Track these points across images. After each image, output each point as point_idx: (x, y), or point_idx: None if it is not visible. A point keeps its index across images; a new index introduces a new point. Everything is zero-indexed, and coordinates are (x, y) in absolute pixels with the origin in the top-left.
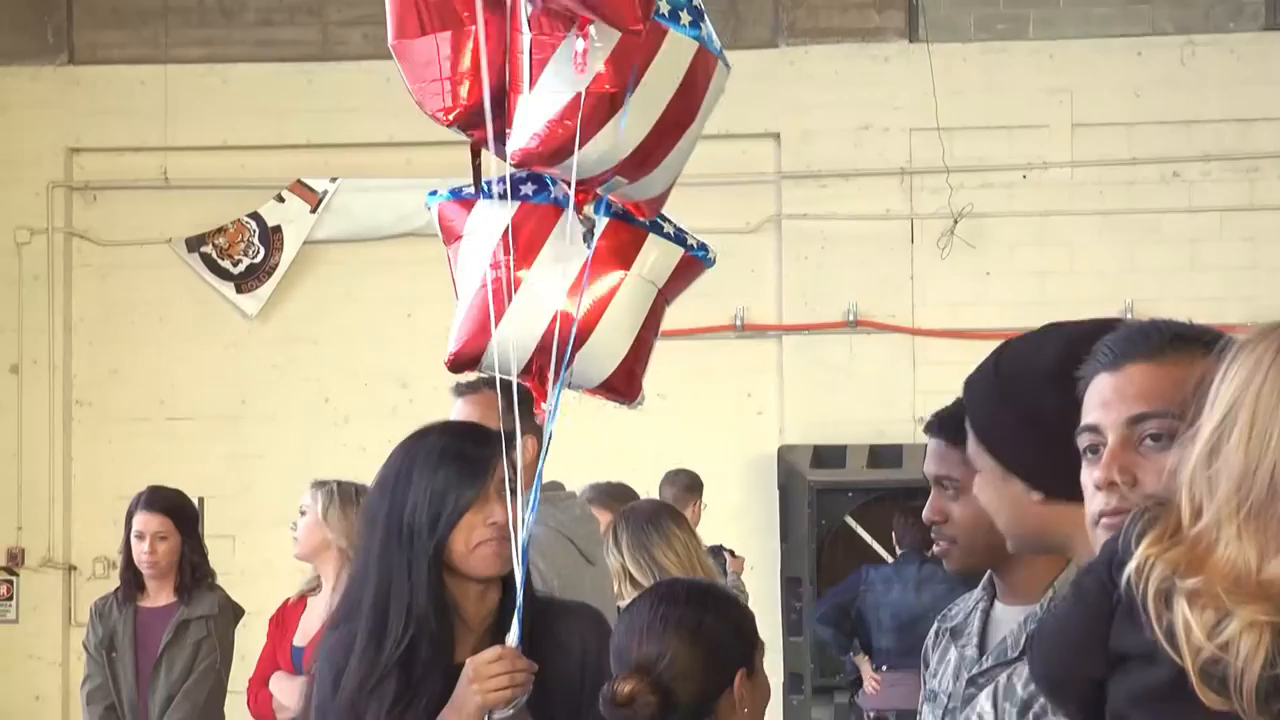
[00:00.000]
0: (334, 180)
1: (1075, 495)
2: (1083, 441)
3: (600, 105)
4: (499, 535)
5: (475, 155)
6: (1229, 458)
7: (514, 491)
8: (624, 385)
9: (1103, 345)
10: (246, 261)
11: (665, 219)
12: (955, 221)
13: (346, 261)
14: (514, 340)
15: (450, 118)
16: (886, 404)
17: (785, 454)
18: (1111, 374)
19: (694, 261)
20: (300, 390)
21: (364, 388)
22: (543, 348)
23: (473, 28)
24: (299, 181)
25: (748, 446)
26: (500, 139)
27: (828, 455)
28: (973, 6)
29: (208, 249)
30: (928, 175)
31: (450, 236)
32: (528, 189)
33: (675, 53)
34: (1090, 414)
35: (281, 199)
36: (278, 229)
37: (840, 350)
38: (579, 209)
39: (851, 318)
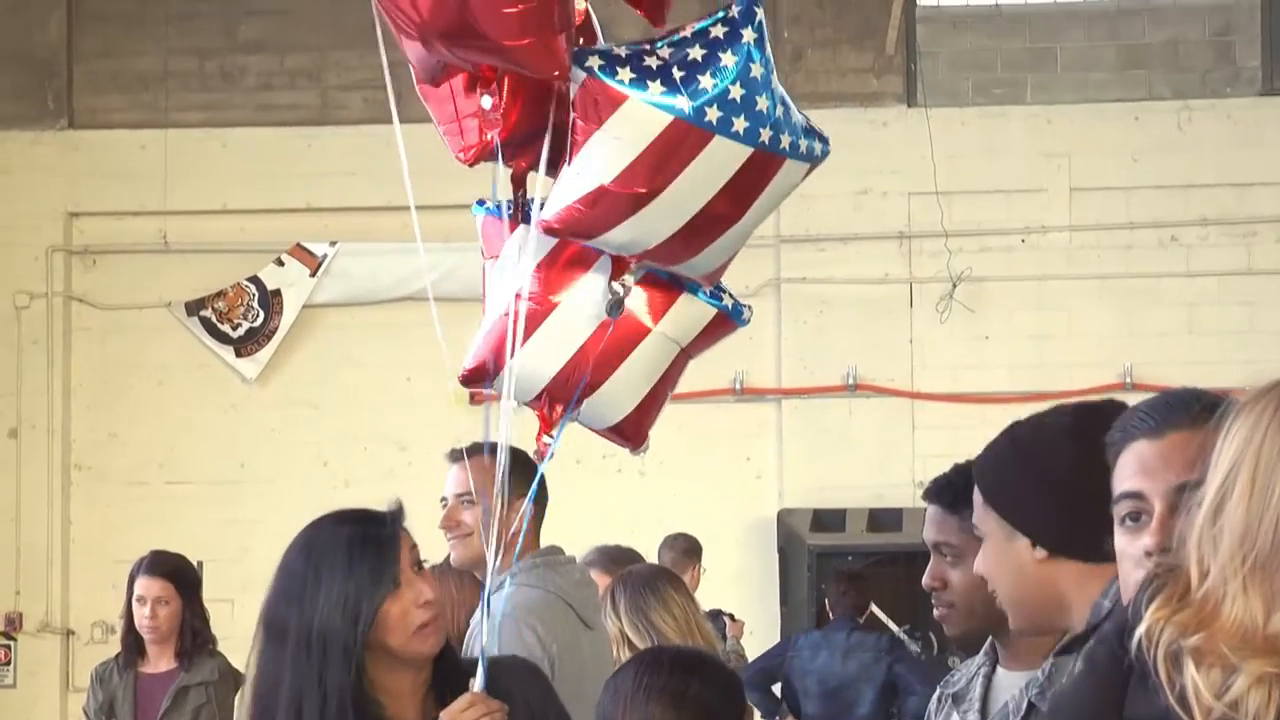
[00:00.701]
0: (333, 244)
1: (1077, 553)
2: (1122, 509)
3: (623, 202)
4: (436, 611)
5: (516, 186)
6: (1232, 515)
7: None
8: (631, 432)
9: (1138, 412)
10: (246, 325)
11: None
12: (954, 285)
13: (346, 325)
14: (530, 371)
15: (466, 156)
16: (886, 468)
17: (785, 517)
18: (1153, 441)
19: (726, 320)
20: (299, 454)
21: (363, 451)
22: (554, 383)
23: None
24: (298, 245)
25: (747, 510)
26: (552, 164)
27: (827, 519)
28: (970, 71)
29: (207, 313)
30: (926, 239)
31: (489, 251)
32: None
33: (720, 156)
34: (1129, 480)
35: (281, 263)
36: (277, 293)
37: (839, 414)
38: (618, 275)
39: (851, 381)
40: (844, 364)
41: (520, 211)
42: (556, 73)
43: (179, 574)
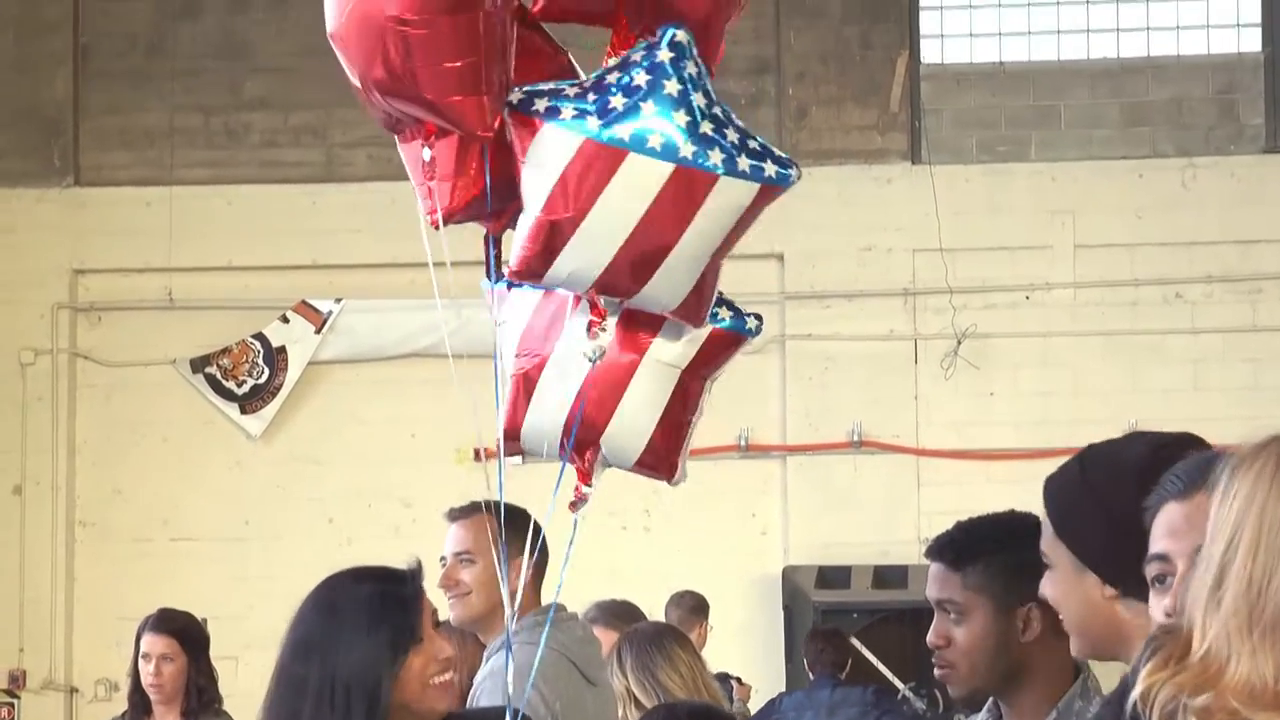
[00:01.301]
0: (338, 301)
1: (1148, 596)
2: (1151, 570)
3: (555, 231)
4: (453, 669)
5: (487, 245)
6: (1238, 577)
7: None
8: (658, 463)
9: (1171, 475)
10: (251, 382)
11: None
12: (959, 342)
13: (350, 382)
14: (543, 426)
15: (433, 218)
16: (891, 524)
17: (790, 574)
18: (1181, 503)
19: (727, 336)
20: (304, 511)
21: (367, 508)
22: (567, 434)
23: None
24: (303, 302)
25: (752, 567)
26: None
27: (832, 576)
28: (974, 129)
29: (212, 370)
30: (931, 296)
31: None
32: None
33: (637, 175)
34: (1159, 543)
35: (286, 319)
36: (282, 349)
37: (844, 470)
38: (595, 324)
39: (856, 438)
40: (849, 420)
41: (498, 271)
42: (481, 130)
43: (185, 632)
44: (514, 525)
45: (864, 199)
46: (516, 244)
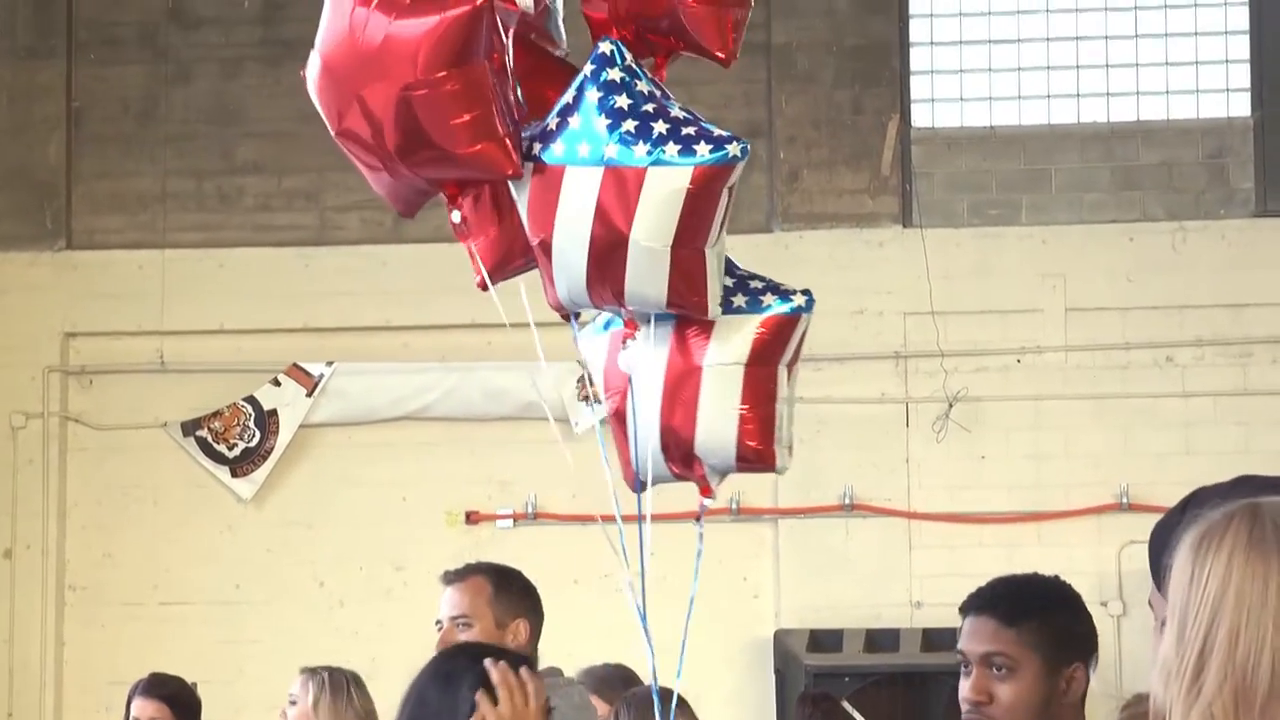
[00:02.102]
0: (330, 364)
1: None
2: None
3: (543, 255)
4: None
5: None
6: (1220, 665)
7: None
8: (756, 459)
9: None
10: (242, 445)
11: (746, 287)
12: (950, 405)
13: (342, 445)
14: (645, 455)
15: (479, 280)
16: (883, 588)
17: (781, 638)
18: None
19: (780, 319)
20: (295, 574)
21: (359, 571)
22: (669, 457)
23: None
24: (295, 365)
25: (743, 630)
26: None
27: (824, 639)
28: (966, 192)
29: (203, 433)
30: (922, 359)
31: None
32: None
33: (577, 185)
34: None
35: (278, 383)
36: (273, 413)
37: (836, 534)
38: (627, 336)
39: (847, 501)
40: (840, 484)
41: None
42: (510, 172)
43: (176, 697)
44: (509, 588)
45: (855, 262)
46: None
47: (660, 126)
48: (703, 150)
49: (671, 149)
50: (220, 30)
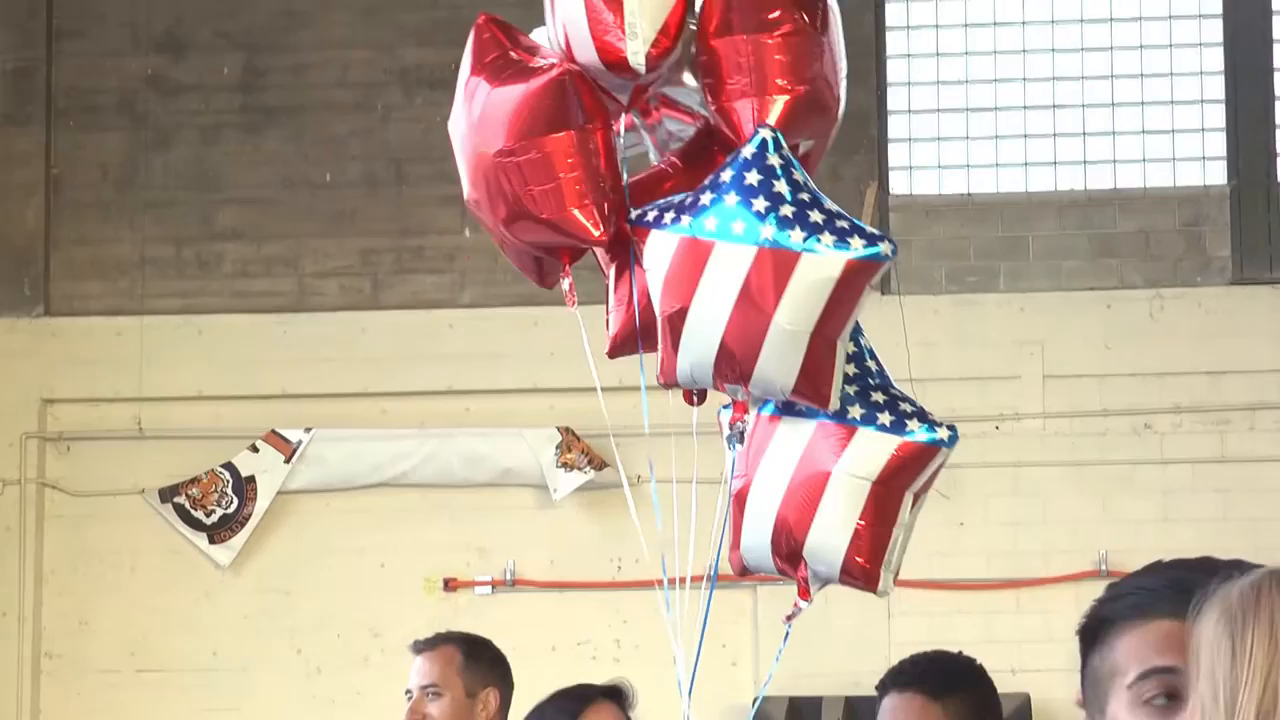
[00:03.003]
0: (308, 430)
1: None
2: (1153, 687)
3: (672, 327)
4: None
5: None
6: None
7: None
8: (859, 575)
9: (1168, 591)
10: (220, 512)
11: (895, 407)
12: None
13: (320, 512)
14: (755, 544)
15: (608, 349)
16: (862, 655)
17: (761, 705)
18: (1183, 624)
19: (918, 448)
20: (272, 641)
21: (336, 638)
22: (776, 552)
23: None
24: (273, 432)
25: (722, 697)
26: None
27: (803, 707)
28: (944, 259)
29: (181, 499)
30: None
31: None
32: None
33: (727, 261)
34: (1165, 656)
35: (256, 449)
36: (251, 479)
37: (815, 601)
38: (736, 420)
39: None
40: None
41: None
42: (594, 238)
43: None
44: (479, 657)
45: None
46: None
47: (816, 216)
48: (856, 244)
49: (827, 238)
50: (200, 97)
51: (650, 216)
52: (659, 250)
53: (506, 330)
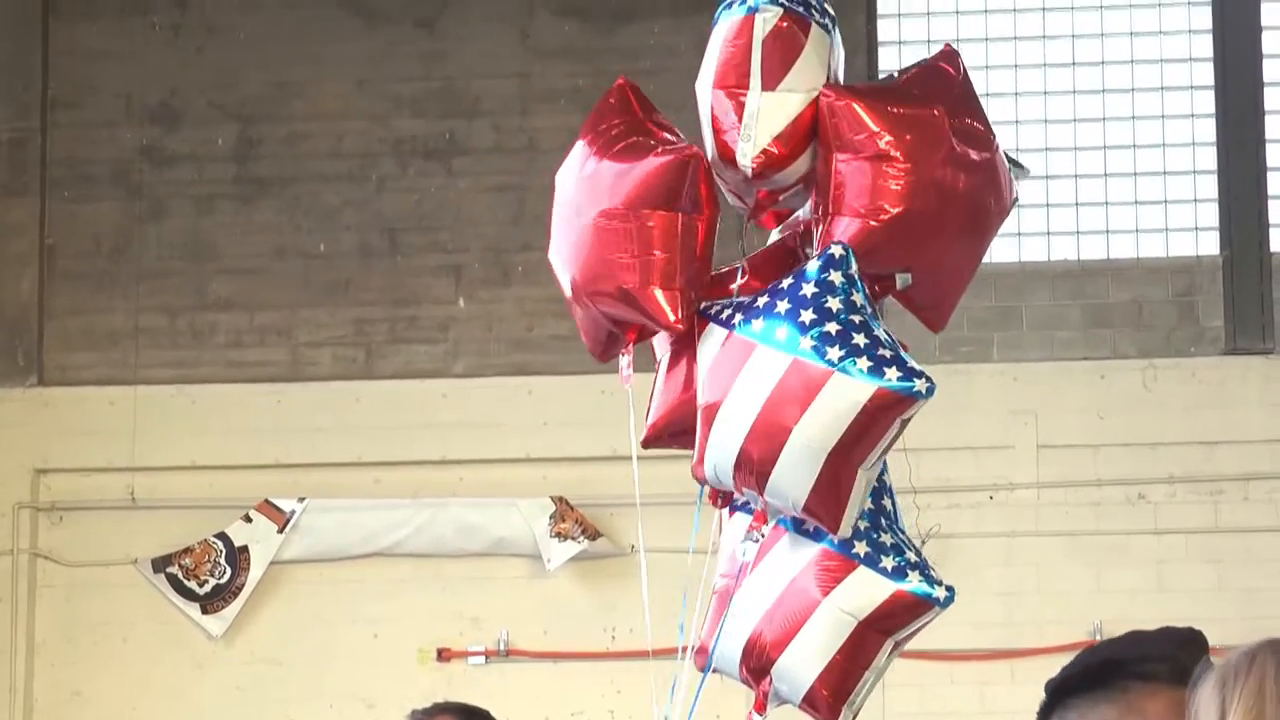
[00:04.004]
0: (302, 500)
1: None
2: None
3: (706, 418)
4: None
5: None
6: None
7: None
8: (820, 708)
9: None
10: (213, 582)
11: (901, 554)
12: (923, 541)
13: (313, 582)
14: (726, 650)
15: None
16: None
17: None
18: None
19: (911, 599)
20: (264, 712)
21: (329, 709)
22: (745, 660)
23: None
24: (266, 501)
25: None
26: None
27: None
28: None
29: (173, 569)
30: (896, 496)
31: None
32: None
33: (763, 364)
34: None
35: (249, 519)
36: (244, 549)
37: None
38: (754, 528)
39: None
40: None
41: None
42: (672, 322)
43: None
44: None
45: None
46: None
47: (860, 339)
48: (891, 374)
49: (863, 363)
50: (194, 167)
51: (714, 310)
52: (710, 343)
53: (500, 400)
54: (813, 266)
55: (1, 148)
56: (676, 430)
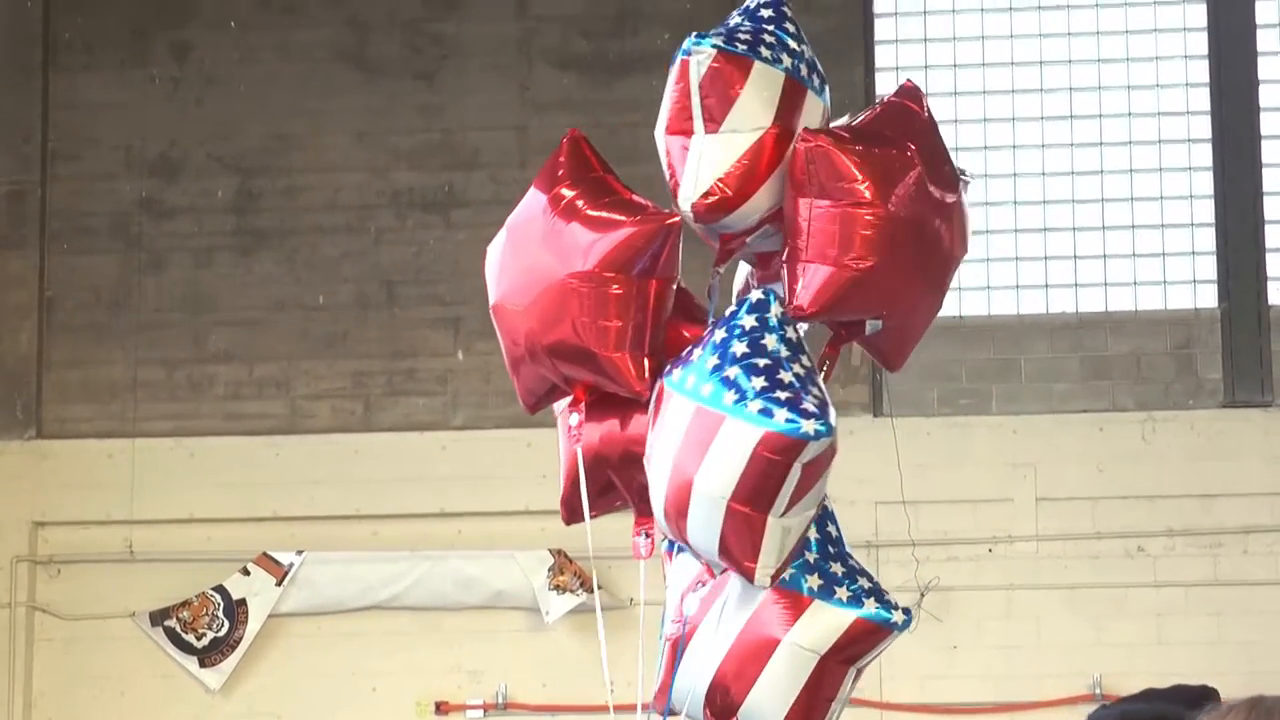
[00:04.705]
0: (300, 553)
1: None
2: None
3: (646, 469)
4: None
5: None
6: None
7: None
8: None
9: None
10: (211, 635)
11: (854, 582)
12: (922, 595)
13: (311, 635)
14: (689, 690)
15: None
16: None
17: None
18: None
19: (870, 625)
20: None
21: None
22: (710, 703)
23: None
24: (265, 554)
25: None
26: None
27: None
28: (936, 382)
29: (171, 623)
30: (894, 548)
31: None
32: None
33: (675, 414)
34: None
35: (247, 572)
36: (242, 602)
37: None
38: (702, 582)
39: None
40: None
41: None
42: (636, 387)
43: None
44: None
45: None
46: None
47: (758, 382)
48: (780, 417)
49: (754, 406)
50: (193, 220)
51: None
52: (655, 395)
53: (498, 453)
54: (731, 310)
55: (1, 200)
56: (597, 490)
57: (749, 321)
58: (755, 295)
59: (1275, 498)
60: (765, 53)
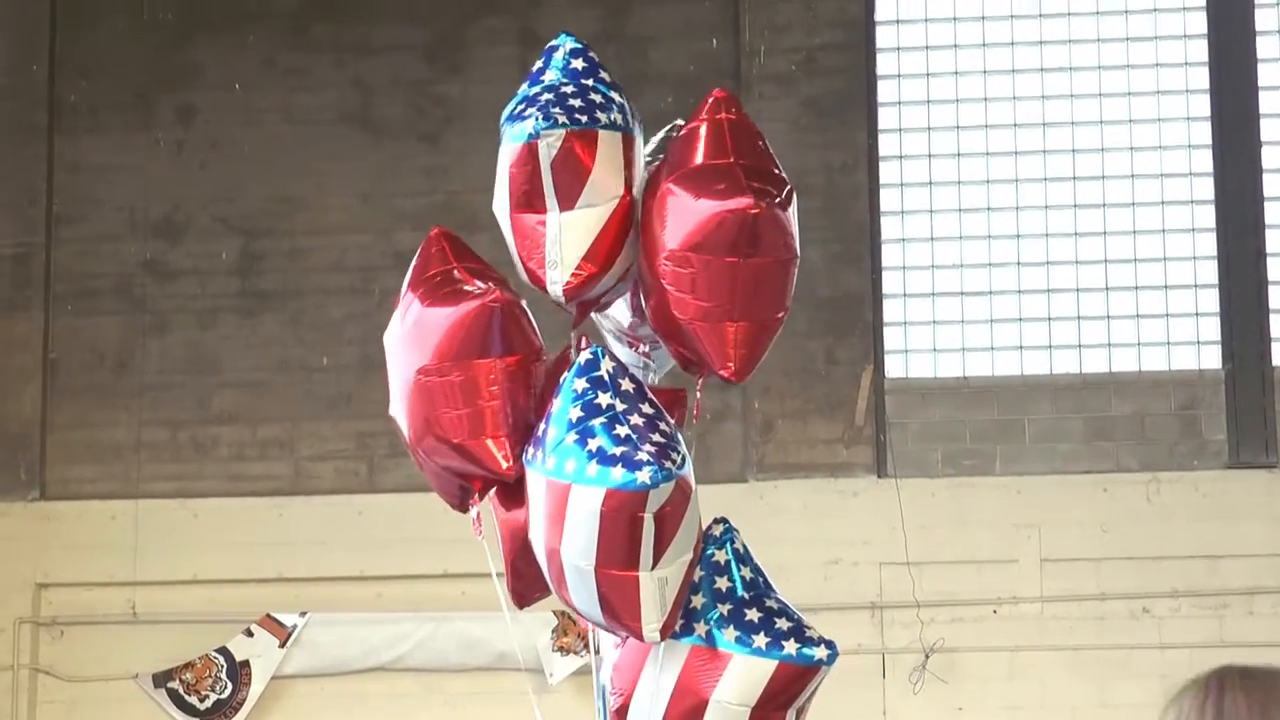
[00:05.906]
0: (303, 614)
1: None
2: None
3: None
4: None
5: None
6: None
7: None
8: None
9: None
10: (214, 697)
11: (771, 626)
12: (927, 656)
13: (314, 696)
14: None
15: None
16: None
17: None
18: None
19: (795, 669)
20: None
21: None
22: None
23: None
24: (268, 616)
25: None
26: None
27: None
28: (940, 442)
29: (174, 684)
30: (898, 610)
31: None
32: None
33: (535, 487)
34: None
35: (250, 633)
36: (246, 664)
37: None
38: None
39: None
40: None
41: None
42: (500, 470)
43: None
44: None
45: (830, 512)
46: None
47: (594, 444)
48: (616, 474)
49: (592, 468)
50: (197, 281)
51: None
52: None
53: None
54: (564, 377)
55: (5, 263)
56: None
57: (580, 385)
58: (584, 356)
59: None
60: (602, 117)
